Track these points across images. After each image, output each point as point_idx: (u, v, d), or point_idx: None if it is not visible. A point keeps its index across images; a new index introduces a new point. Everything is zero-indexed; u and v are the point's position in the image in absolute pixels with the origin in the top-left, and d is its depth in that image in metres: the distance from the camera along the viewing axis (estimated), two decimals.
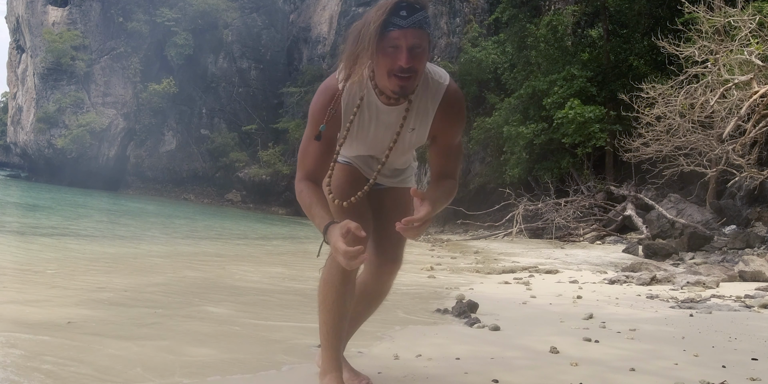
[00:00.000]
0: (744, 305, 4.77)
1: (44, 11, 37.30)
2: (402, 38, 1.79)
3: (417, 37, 1.80)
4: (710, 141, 11.72)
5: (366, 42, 1.80)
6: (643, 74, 16.74)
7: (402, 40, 1.79)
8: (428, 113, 2.03)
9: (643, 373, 2.65)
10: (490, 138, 23.95)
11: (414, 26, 1.80)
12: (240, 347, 2.96)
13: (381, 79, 1.89)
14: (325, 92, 2.02)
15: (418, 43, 1.81)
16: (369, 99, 2.00)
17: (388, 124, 2.04)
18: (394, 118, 2.02)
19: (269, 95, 40.26)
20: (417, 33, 1.80)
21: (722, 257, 9.56)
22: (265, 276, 6.42)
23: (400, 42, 1.79)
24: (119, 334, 3.12)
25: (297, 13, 41.98)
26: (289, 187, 35.59)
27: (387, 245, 2.29)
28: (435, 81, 2.01)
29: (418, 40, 1.81)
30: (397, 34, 1.79)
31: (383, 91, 1.94)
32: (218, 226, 17.60)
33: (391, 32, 1.79)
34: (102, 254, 7.55)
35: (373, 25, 1.78)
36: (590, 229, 16.51)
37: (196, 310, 3.97)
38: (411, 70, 1.82)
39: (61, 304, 3.84)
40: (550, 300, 5.08)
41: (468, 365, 2.68)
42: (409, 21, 1.79)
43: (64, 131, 35.82)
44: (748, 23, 9.76)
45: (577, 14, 24.79)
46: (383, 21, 1.78)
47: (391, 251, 2.30)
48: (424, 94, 2.01)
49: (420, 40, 1.81)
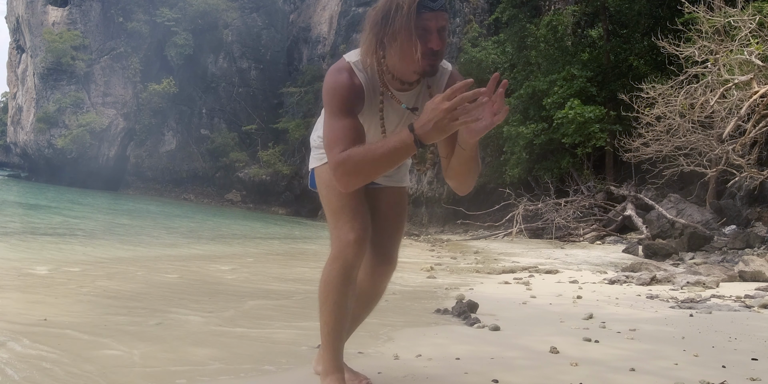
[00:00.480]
0: (744, 305, 4.77)
1: (44, 11, 37.28)
2: (433, 20, 1.83)
3: (445, 19, 1.86)
4: (710, 141, 11.72)
5: (400, 24, 1.82)
6: (643, 74, 16.75)
7: (433, 22, 1.83)
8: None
9: (643, 373, 2.65)
10: (490, 138, 23.90)
11: (443, 9, 1.86)
12: (239, 349, 2.96)
13: (406, 61, 1.89)
14: (341, 72, 1.98)
15: (444, 26, 1.87)
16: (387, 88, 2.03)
17: (398, 110, 2.06)
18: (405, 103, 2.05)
19: (269, 95, 40.26)
20: (445, 15, 1.86)
21: (722, 257, 9.56)
22: (265, 276, 6.42)
23: (431, 24, 1.83)
24: (119, 335, 3.12)
25: (297, 13, 41.97)
26: (289, 187, 35.61)
27: (383, 245, 2.27)
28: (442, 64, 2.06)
29: (444, 23, 1.86)
30: (429, 16, 1.82)
31: (398, 75, 1.95)
32: (218, 226, 17.60)
33: (424, 14, 1.82)
34: (102, 255, 7.55)
35: (406, 7, 1.81)
36: (590, 229, 16.51)
37: (197, 311, 3.97)
38: (440, 53, 1.87)
39: (61, 305, 3.84)
40: (550, 300, 5.08)
41: (468, 365, 2.68)
42: (438, 3, 1.84)
43: (64, 131, 35.80)
44: (748, 23, 9.77)
45: (577, 14, 24.79)
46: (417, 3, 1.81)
47: (387, 251, 2.29)
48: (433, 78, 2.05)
49: (446, 23, 1.87)
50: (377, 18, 1.87)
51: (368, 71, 1.99)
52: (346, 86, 1.95)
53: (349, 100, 1.95)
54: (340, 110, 1.93)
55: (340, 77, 1.98)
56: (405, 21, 1.81)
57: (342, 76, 1.98)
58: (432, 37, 1.84)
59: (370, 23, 1.89)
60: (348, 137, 1.87)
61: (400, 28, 1.82)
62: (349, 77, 1.97)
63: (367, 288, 2.31)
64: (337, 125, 1.91)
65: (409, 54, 1.86)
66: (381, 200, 2.31)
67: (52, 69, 36.01)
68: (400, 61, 1.90)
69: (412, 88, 2.03)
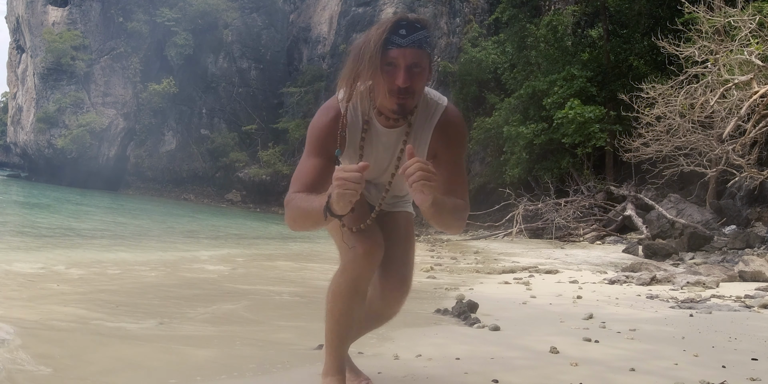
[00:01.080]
0: (744, 305, 4.77)
1: (44, 11, 37.28)
2: (400, 57, 1.78)
3: (416, 56, 1.79)
4: (710, 141, 11.72)
5: (366, 60, 1.78)
6: (643, 74, 16.75)
7: (401, 59, 1.78)
8: (426, 134, 2.01)
9: (643, 373, 2.65)
10: (490, 138, 23.95)
11: (413, 45, 1.79)
12: (239, 349, 2.96)
13: (380, 98, 1.86)
14: (327, 112, 1.98)
15: (417, 63, 1.80)
16: (371, 124, 1.98)
17: (387, 146, 2.01)
18: (393, 140, 2.00)
19: (269, 95, 40.27)
20: (416, 52, 1.79)
21: (722, 257, 9.56)
22: (264, 277, 6.42)
23: (399, 61, 1.78)
24: (119, 335, 3.12)
25: (297, 13, 41.99)
26: (289, 187, 35.60)
27: (392, 268, 2.18)
28: (433, 101, 2.00)
29: (416, 60, 1.79)
30: (396, 53, 1.78)
31: (382, 111, 1.91)
32: (218, 226, 17.61)
33: (390, 51, 1.78)
34: (102, 255, 7.54)
35: (372, 43, 1.77)
36: (590, 229, 16.51)
37: (197, 312, 3.97)
38: (409, 90, 1.80)
39: (60, 305, 3.84)
40: (550, 300, 5.08)
41: (468, 365, 2.67)
42: (408, 40, 1.78)
43: (64, 131, 35.80)
44: (748, 23, 9.77)
45: (577, 14, 24.80)
46: (383, 39, 1.77)
47: (397, 273, 2.19)
48: (422, 115, 1.99)
49: (419, 60, 1.80)
50: (354, 52, 1.84)
51: (350, 107, 1.96)
52: (325, 128, 1.96)
53: (325, 142, 1.96)
54: (312, 150, 1.97)
55: (322, 118, 1.98)
56: (371, 57, 1.76)
57: (325, 117, 1.97)
58: (399, 73, 1.78)
59: (350, 58, 1.86)
60: (308, 178, 1.93)
61: (368, 63, 1.77)
62: (333, 118, 1.96)
63: (379, 309, 2.24)
64: (305, 164, 1.97)
65: (381, 91, 1.83)
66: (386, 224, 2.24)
67: (52, 69, 36.00)
68: (377, 97, 1.87)
69: (398, 125, 1.97)
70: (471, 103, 28.37)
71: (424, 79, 1.85)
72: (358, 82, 1.84)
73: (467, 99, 28.31)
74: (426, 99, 1.99)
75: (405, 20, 1.81)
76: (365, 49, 1.79)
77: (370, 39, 1.79)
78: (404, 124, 1.97)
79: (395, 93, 1.80)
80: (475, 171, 28.41)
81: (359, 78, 1.82)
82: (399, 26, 1.79)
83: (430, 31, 1.87)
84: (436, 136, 2.01)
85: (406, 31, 1.79)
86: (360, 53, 1.81)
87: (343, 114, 1.96)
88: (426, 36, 1.83)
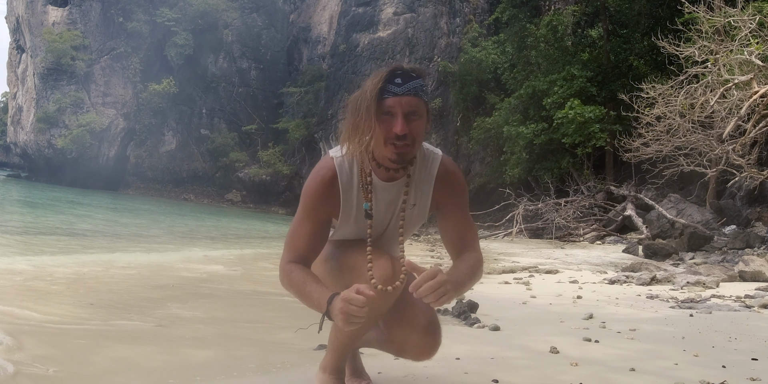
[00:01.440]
0: (744, 305, 4.77)
1: (44, 11, 37.27)
2: (397, 105, 1.77)
3: (412, 104, 1.78)
4: (710, 141, 11.72)
5: (363, 110, 1.77)
6: (643, 74, 16.75)
7: (397, 108, 1.77)
8: (427, 186, 1.99)
9: (643, 373, 2.65)
10: (490, 138, 23.96)
11: (409, 93, 1.78)
12: (239, 349, 2.96)
13: (379, 148, 1.82)
14: (320, 172, 1.93)
15: (414, 110, 1.79)
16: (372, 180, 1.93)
17: (388, 202, 1.97)
18: (393, 194, 1.96)
19: (269, 95, 40.27)
20: (412, 100, 1.78)
21: (722, 257, 9.56)
22: (264, 277, 6.42)
23: (395, 109, 1.77)
24: (119, 336, 3.12)
25: (297, 13, 41.99)
26: (289, 186, 35.62)
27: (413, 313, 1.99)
28: (430, 152, 1.98)
29: (413, 108, 1.78)
30: (392, 102, 1.77)
31: (381, 162, 1.86)
32: (218, 226, 17.61)
33: (386, 100, 1.77)
34: (102, 255, 7.54)
35: (369, 93, 1.77)
36: (590, 229, 16.51)
37: (197, 312, 3.97)
38: (407, 138, 1.78)
39: (60, 306, 3.83)
40: (550, 300, 5.08)
41: (468, 365, 2.67)
42: (403, 88, 1.78)
43: (64, 131, 35.79)
44: (748, 23, 9.76)
45: (577, 14, 24.80)
46: (379, 89, 1.77)
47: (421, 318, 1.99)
48: (421, 167, 1.97)
49: (416, 108, 1.79)
50: (352, 105, 1.82)
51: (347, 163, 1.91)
52: (317, 192, 1.92)
53: (318, 205, 1.92)
54: (306, 214, 1.94)
55: (315, 180, 1.93)
56: (368, 107, 1.76)
57: (318, 178, 1.92)
58: (396, 121, 1.76)
59: (348, 111, 1.84)
60: (302, 246, 1.92)
61: (365, 113, 1.76)
62: (326, 179, 1.91)
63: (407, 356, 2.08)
64: (298, 229, 1.94)
65: (379, 141, 1.80)
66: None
67: (52, 69, 36.00)
68: (375, 147, 1.84)
69: (397, 178, 1.93)
70: (471, 103, 28.39)
71: (423, 128, 1.83)
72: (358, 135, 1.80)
73: (467, 99, 28.32)
74: (423, 151, 1.96)
75: (400, 69, 1.80)
76: (362, 100, 1.78)
77: (366, 90, 1.78)
78: (403, 175, 1.93)
79: (393, 141, 1.78)
80: (475, 171, 28.42)
81: (359, 131, 1.79)
82: (394, 75, 1.79)
83: (426, 81, 1.86)
84: (438, 186, 1.99)
85: (402, 79, 1.79)
86: (357, 105, 1.80)
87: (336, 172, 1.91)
88: (422, 84, 1.82)
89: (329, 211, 1.95)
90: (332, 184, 1.92)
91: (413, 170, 1.94)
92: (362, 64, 32.50)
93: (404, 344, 2.02)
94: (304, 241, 1.93)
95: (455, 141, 29.40)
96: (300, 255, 1.92)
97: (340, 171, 1.91)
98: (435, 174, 1.98)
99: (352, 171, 1.93)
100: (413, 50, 31.47)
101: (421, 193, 1.98)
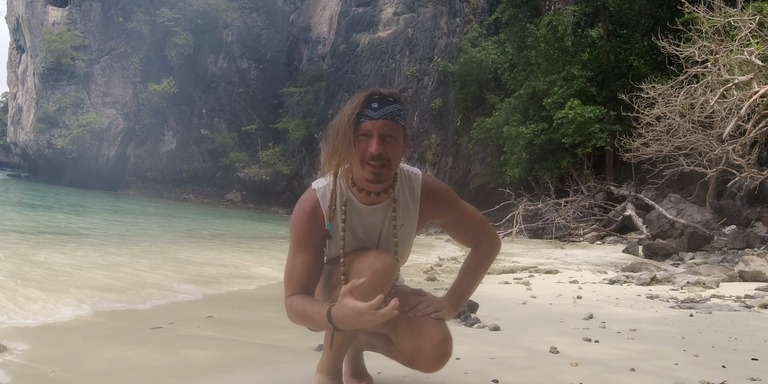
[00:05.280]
0: (744, 305, 4.77)
1: (44, 11, 37.26)
2: (373, 128, 1.81)
3: (388, 127, 1.82)
4: (710, 141, 11.72)
5: (341, 134, 1.82)
6: (643, 74, 16.76)
7: (373, 130, 1.81)
8: (413, 207, 2.02)
9: (643, 373, 2.65)
10: (490, 138, 23.97)
11: (385, 117, 1.82)
12: (239, 350, 2.96)
13: (356, 169, 1.87)
14: (304, 205, 1.97)
15: (389, 133, 1.82)
16: (351, 203, 1.96)
17: (373, 225, 1.99)
18: (378, 217, 1.98)
19: (269, 95, 40.27)
20: (388, 123, 1.82)
21: (722, 257, 9.56)
22: (264, 277, 6.41)
23: (372, 131, 1.81)
24: (119, 337, 3.12)
25: (297, 13, 42.00)
26: (289, 186, 35.61)
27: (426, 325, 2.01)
28: (410, 172, 2.01)
29: (389, 131, 1.82)
30: (368, 125, 1.81)
31: (360, 184, 1.90)
32: (218, 226, 17.61)
33: (363, 123, 1.82)
34: (102, 256, 7.54)
35: (346, 117, 1.81)
36: (590, 229, 16.51)
37: (196, 312, 3.97)
38: (383, 158, 1.82)
39: (59, 307, 3.83)
40: (550, 300, 5.08)
41: (468, 365, 2.67)
42: (380, 112, 1.82)
43: (64, 131, 35.77)
44: (748, 23, 9.76)
45: (577, 14, 24.81)
46: (356, 113, 1.81)
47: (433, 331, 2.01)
48: (405, 188, 1.99)
49: (391, 131, 1.83)
50: (332, 130, 1.86)
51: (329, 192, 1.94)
52: (304, 224, 1.95)
53: (307, 237, 1.96)
54: (298, 247, 1.97)
55: (300, 212, 1.97)
56: (346, 131, 1.80)
57: (303, 211, 1.96)
58: (372, 141, 1.81)
59: (328, 136, 1.89)
60: (301, 279, 1.94)
61: (342, 137, 1.81)
62: (310, 210, 1.95)
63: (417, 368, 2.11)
64: (293, 263, 1.97)
65: (356, 162, 1.85)
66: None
67: (52, 69, 35.98)
68: (354, 169, 1.88)
69: (380, 201, 1.95)
70: (471, 103, 28.40)
71: (399, 150, 1.87)
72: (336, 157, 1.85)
73: (467, 99, 28.33)
74: (403, 172, 1.99)
75: (378, 94, 1.84)
76: (340, 125, 1.83)
77: (345, 114, 1.83)
78: (386, 199, 1.96)
79: (368, 161, 1.82)
80: (475, 171, 28.43)
81: (337, 153, 1.84)
82: (371, 100, 1.83)
83: (405, 106, 1.89)
84: (429, 205, 2.03)
85: (378, 104, 1.83)
86: (336, 129, 1.84)
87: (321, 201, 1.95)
88: (399, 109, 1.86)
89: (318, 238, 1.97)
90: (315, 212, 1.95)
91: (397, 193, 1.98)
92: (362, 64, 32.50)
93: (415, 356, 2.02)
94: (300, 273, 1.95)
95: (455, 141, 29.41)
96: (299, 287, 1.94)
97: (322, 200, 1.96)
98: (419, 194, 2.01)
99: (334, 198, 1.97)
100: (413, 50, 31.47)
101: (408, 213, 2.02)
